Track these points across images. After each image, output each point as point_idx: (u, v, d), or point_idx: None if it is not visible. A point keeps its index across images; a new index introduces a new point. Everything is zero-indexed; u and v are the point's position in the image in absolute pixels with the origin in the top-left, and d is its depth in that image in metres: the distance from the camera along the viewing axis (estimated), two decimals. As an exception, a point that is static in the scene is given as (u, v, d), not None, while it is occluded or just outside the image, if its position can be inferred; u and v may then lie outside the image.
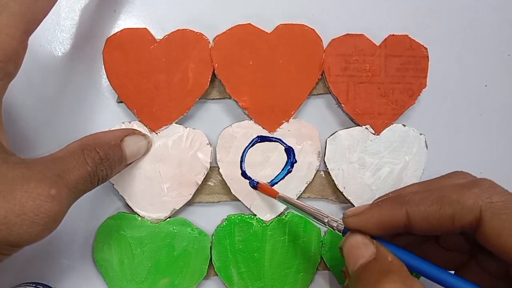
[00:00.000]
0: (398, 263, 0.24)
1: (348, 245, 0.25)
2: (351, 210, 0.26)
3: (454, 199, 0.23)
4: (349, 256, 0.25)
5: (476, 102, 0.38)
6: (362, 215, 0.25)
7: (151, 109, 0.34)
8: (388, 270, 0.23)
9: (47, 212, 0.24)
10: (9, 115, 0.34)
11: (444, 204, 0.23)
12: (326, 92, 0.36)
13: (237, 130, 0.35)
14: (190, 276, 0.35)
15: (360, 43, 0.35)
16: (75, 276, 0.36)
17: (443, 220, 0.23)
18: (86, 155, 0.27)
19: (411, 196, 0.24)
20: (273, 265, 0.35)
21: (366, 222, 0.25)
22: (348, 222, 0.26)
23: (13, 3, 0.25)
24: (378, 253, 0.24)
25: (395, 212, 0.24)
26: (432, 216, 0.23)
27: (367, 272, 0.23)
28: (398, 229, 0.25)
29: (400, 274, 0.23)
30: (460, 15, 0.37)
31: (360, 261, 0.24)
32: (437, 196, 0.24)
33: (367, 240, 0.25)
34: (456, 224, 0.23)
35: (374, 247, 0.24)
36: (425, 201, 0.24)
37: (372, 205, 0.26)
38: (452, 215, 0.23)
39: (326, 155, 0.36)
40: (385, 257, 0.24)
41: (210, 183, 0.36)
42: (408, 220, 0.24)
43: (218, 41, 0.34)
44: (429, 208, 0.23)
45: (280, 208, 0.36)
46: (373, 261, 0.24)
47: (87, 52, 0.35)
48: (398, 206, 0.24)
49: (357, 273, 0.24)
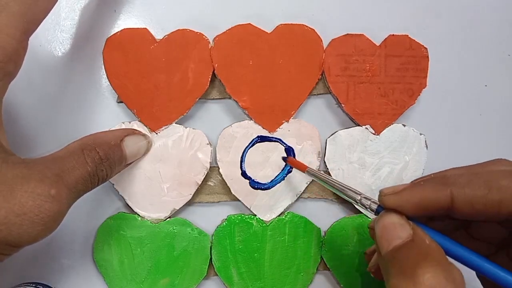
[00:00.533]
0: (436, 247, 0.22)
1: (382, 224, 0.24)
2: (389, 188, 0.25)
3: (503, 184, 0.22)
4: (382, 236, 0.24)
5: (476, 102, 0.38)
6: (402, 193, 0.24)
7: (151, 109, 0.34)
8: (426, 254, 0.22)
9: (47, 212, 0.24)
10: (9, 115, 0.34)
11: (492, 188, 0.22)
12: (326, 92, 0.36)
13: (237, 130, 0.35)
14: (190, 276, 0.35)
15: (360, 43, 0.35)
16: (75, 276, 0.36)
17: (490, 205, 0.22)
18: (86, 155, 0.27)
19: (456, 178, 0.23)
20: (273, 265, 0.35)
21: (405, 201, 0.24)
22: (385, 200, 0.24)
23: (13, 3, 0.25)
24: (415, 234, 0.23)
25: (439, 193, 0.23)
26: (478, 200, 0.22)
27: (403, 254, 0.22)
28: (439, 211, 0.23)
29: (439, 258, 0.22)
30: (460, 15, 0.37)
31: (396, 242, 0.23)
32: (485, 180, 0.22)
33: (403, 221, 0.23)
34: (503, 210, 0.22)
35: (410, 229, 0.23)
36: (472, 184, 0.23)
37: (414, 184, 0.24)
38: (500, 201, 0.22)
39: (326, 155, 0.36)
40: (423, 240, 0.23)
41: (210, 183, 0.36)
42: (451, 203, 0.23)
43: (218, 41, 0.34)
44: (476, 191, 0.22)
45: (280, 208, 0.36)
46: (410, 243, 0.22)
47: (87, 52, 0.35)
48: (442, 187, 0.23)
49: (391, 254, 0.23)
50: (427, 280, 0.21)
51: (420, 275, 0.21)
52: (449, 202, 0.23)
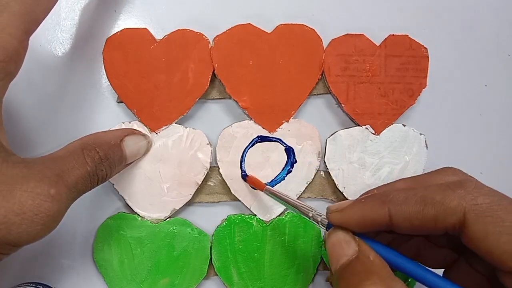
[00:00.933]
0: (380, 262, 0.23)
1: (331, 242, 0.25)
2: (335, 205, 0.25)
3: (437, 200, 0.22)
4: (331, 253, 0.24)
5: (476, 102, 0.38)
6: (345, 211, 0.25)
7: (151, 109, 0.34)
8: (370, 271, 0.22)
9: (46, 212, 0.24)
10: (9, 115, 0.34)
11: (427, 204, 0.23)
12: (326, 92, 0.36)
13: (237, 130, 0.35)
14: (190, 276, 0.35)
15: (360, 43, 0.35)
16: (75, 276, 0.36)
17: (426, 221, 0.23)
18: (86, 155, 0.27)
19: (394, 195, 0.24)
20: (273, 265, 0.35)
21: (348, 218, 0.24)
22: (331, 217, 0.25)
23: (14, 2, 0.25)
24: (360, 251, 0.23)
25: (377, 211, 0.24)
26: (415, 216, 0.23)
27: (348, 272, 0.23)
28: (380, 227, 0.24)
29: (382, 274, 0.22)
30: (460, 15, 0.37)
31: (342, 260, 0.23)
32: (421, 196, 0.23)
33: (349, 238, 0.24)
34: (439, 225, 0.23)
35: (356, 245, 0.24)
36: (408, 201, 0.23)
37: (355, 202, 0.25)
38: (435, 217, 0.22)
39: (326, 155, 0.36)
40: (367, 256, 0.23)
41: (210, 183, 0.36)
42: (390, 219, 0.23)
43: (218, 41, 0.34)
44: (412, 208, 0.23)
45: (280, 209, 0.36)
46: (355, 260, 0.23)
47: (87, 52, 0.35)
48: (380, 205, 0.24)
49: (339, 272, 0.23)
50: None
51: None
52: (388, 219, 0.23)
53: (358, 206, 0.25)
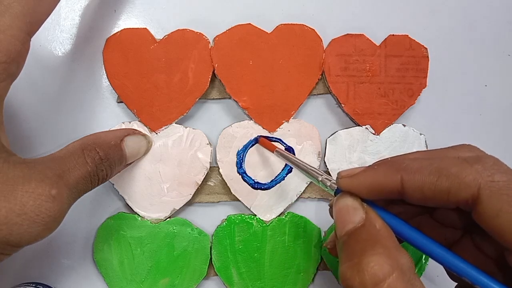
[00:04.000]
0: (386, 231, 0.22)
1: (338, 207, 0.24)
2: (346, 171, 0.25)
3: (452, 172, 0.22)
4: (338, 219, 0.24)
5: (476, 102, 0.38)
6: (356, 177, 0.24)
7: (151, 109, 0.34)
8: (375, 240, 0.22)
9: (47, 212, 0.24)
10: (10, 115, 0.34)
11: (441, 176, 0.22)
12: (326, 92, 0.36)
13: (237, 130, 0.35)
14: (190, 276, 0.35)
15: (360, 43, 0.35)
16: (75, 276, 0.36)
17: (438, 193, 0.22)
18: (86, 155, 0.27)
19: (408, 163, 0.23)
20: (273, 265, 0.35)
21: (358, 184, 0.24)
22: (341, 182, 0.24)
23: (16, 3, 0.25)
24: (367, 219, 0.23)
25: (389, 177, 0.23)
26: (428, 187, 0.22)
27: (353, 240, 0.23)
28: (391, 195, 0.23)
29: (387, 244, 0.22)
30: (460, 15, 0.37)
31: (348, 227, 0.23)
32: (436, 167, 0.22)
33: (357, 204, 0.24)
34: (452, 199, 0.22)
35: (363, 212, 0.23)
36: (423, 170, 0.22)
37: (368, 168, 0.24)
38: (448, 189, 0.22)
39: (326, 155, 0.36)
40: (373, 225, 0.23)
41: (210, 183, 0.36)
42: (402, 188, 0.23)
43: (218, 41, 0.34)
44: (426, 178, 0.22)
45: (280, 208, 0.36)
46: (361, 228, 0.23)
47: (87, 52, 0.35)
48: (393, 172, 0.23)
49: (343, 239, 0.23)
50: (371, 269, 0.21)
51: (364, 264, 0.21)
52: (400, 187, 0.23)
53: (370, 171, 0.24)
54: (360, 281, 0.21)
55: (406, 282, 0.21)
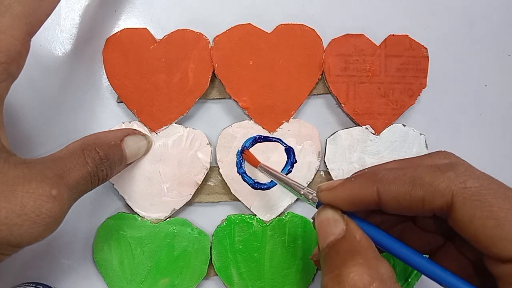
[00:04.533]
0: (366, 242, 0.23)
1: (319, 220, 0.25)
2: (325, 184, 0.25)
3: (426, 181, 0.22)
4: (319, 231, 0.24)
5: (476, 102, 0.38)
6: (335, 190, 0.24)
7: (151, 109, 0.34)
8: (355, 251, 0.22)
9: (48, 213, 0.24)
10: (10, 115, 0.34)
11: (415, 185, 0.22)
12: (326, 92, 0.36)
13: (237, 130, 0.35)
14: (190, 276, 0.35)
15: (360, 43, 0.35)
16: (75, 276, 0.36)
17: (414, 202, 0.22)
18: (86, 155, 0.27)
19: (384, 174, 0.23)
20: (273, 265, 0.35)
21: (337, 197, 0.24)
22: (321, 196, 0.25)
23: (17, 4, 0.25)
24: (347, 230, 0.23)
25: (366, 189, 0.23)
26: (403, 197, 0.22)
27: (334, 251, 0.23)
28: (369, 206, 0.24)
29: (367, 255, 0.22)
30: (460, 15, 0.37)
31: (329, 239, 0.23)
32: (410, 177, 0.23)
33: (337, 216, 0.24)
34: (427, 207, 0.22)
35: (344, 224, 0.24)
36: (397, 181, 0.23)
37: (345, 180, 0.25)
38: (422, 198, 0.22)
39: (326, 155, 0.36)
40: (353, 236, 0.23)
41: (210, 183, 0.36)
42: (378, 198, 0.23)
43: (218, 41, 0.34)
44: (400, 188, 0.22)
45: (280, 208, 0.36)
46: (341, 239, 0.23)
47: (87, 52, 0.35)
48: (369, 183, 0.23)
49: (325, 251, 0.23)
50: (351, 280, 0.21)
51: (345, 275, 0.21)
52: (376, 198, 0.23)
53: (348, 184, 0.24)
54: None
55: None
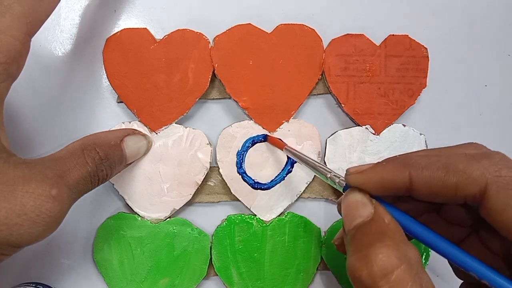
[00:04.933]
0: (395, 226, 0.23)
1: (347, 202, 0.24)
2: (354, 167, 0.25)
3: (460, 168, 0.22)
4: (346, 214, 0.24)
5: (476, 102, 0.38)
6: (365, 173, 0.24)
7: (151, 109, 0.34)
8: (383, 233, 0.22)
9: (48, 213, 0.24)
10: (10, 115, 0.34)
11: (449, 171, 0.22)
12: (326, 92, 0.36)
13: (237, 130, 0.35)
14: (190, 276, 0.35)
15: (360, 43, 0.35)
16: (75, 276, 0.36)
17: (446, 188, 0.22)
18: (86, 155, 0.27)
19: (416, 159, 0.23)
20: (273, 265, 0.35)
21: (367, 180, 0.24)
22: (350, 179, 0.25)
23: (17, 4, 0.25)
24: (375, 214, 0.23)
25: (398, 173, 0.23)
26: (435, 182, 0.22)
27: (361, 233, 0.23)
28: (399, 191, 0.24)
29: (395, 238, 0.22)
30: (460, 15, 0.37)
31: (357, 221, 0.23)
32: (444, 163, 0.23)
33: (366, 200, 0.24)
34: (459, 194, 0.22)
35: (372, 208, 0.23)
36: (430, 166, 0.23)
37: (376, 164, 0.25)
38: (455, 184, 0.22)
39: (326, 155, 0.36)
40: (382, 219, 0.23)
41: (210, 183, 0.36)
42: (410, 183, 0.23)
43: (218, 41, 0.34)
44: (433, 173, 0.22)
45: (280, 208, 0.36)
46: (369, 222, 0.23)
47: (87, 52, 0.35)
48: (401, 168, 0.23)
49: (352, 232, 0.23)
50: (379, 260, 0.21)
51: (373, 255, 0.21)
52: (408, 183, 0.23)
53: (379, 168, 0.24)
54: (368, 272, 0.21)
55: (413, 275, 0.21)
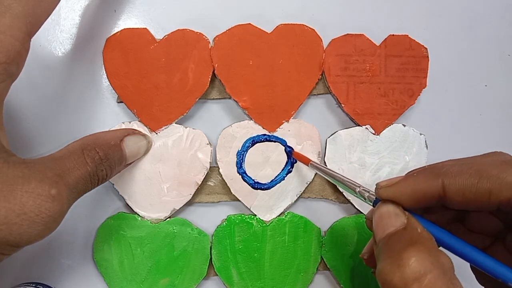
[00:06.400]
0: (427, 235, 0.23)
1: (379, 213, 0.25)
2: (385, 181, 0.25)
3: (493, 173, 0.22)
4: (378, 224, 0.24)
5: (476, 102, 0.38)
6: (396, 185, 0.24)
7: (151, 109, 0.34)
8: (416, 240, 0.22)
9: (47, 212, 0.24)
10: (10, 115, 0.34)
11: (482, 177, 0.22)
12: (326, 92, 0.36)
13: (237, 130, 0.35)
14: (190, 276, 0.35)
15: (360, 43, 0.35)
16: (75, 276, 0.36)
17: (480, 194, 0.22)
18: (86, 155, 0.27)
19: (448, 168, 0.24)
20: (273, 265, 0.35)
21: (400, 192, 0.24)
22: (381, 192, 0.25)
23: (17, 4, 0.25)
24: (408, 223, 0.23)
25: (430, 183, 0.23)
26: (469, 189, 0.23)
27: (394, 240, 0.23)
28: (432, 200, 0.24)
29: (428, 245, 0.22)
30: (460, 15, 0.37)
31: (389, 230, 0.23)
32: (476, 170, 0.23)
33: (398, 211, 0.24)
34: (493, 199, 0.22)
35: (405, 218, 0.24)
36: (463, 174, 0.23)
37: (407, 176, 0.25)
38: (489, 190, 0.22)
39: (326, 155, 0.36)
40: (415, 228, 0.23)
41: (210, 183, 0.36)
42: (443, 192, 0.23)
43: (218, 41, 0.34)
44: (467, 180, 0.23)
45: (280, 208, 0.36)
46: (402, 230, 0.23)
47: (87, 52, 0.35)
48: (434, 177, 0.23)
49: (384, 240, 0.23)
50: (412, 264, 0.21)
51: (406, 259, 0.21)
52: (441, 191, 0.23)
53: (410, 179, 0.24)
54: (400, 275, 0.21)
55: (447, 280, 0.21)
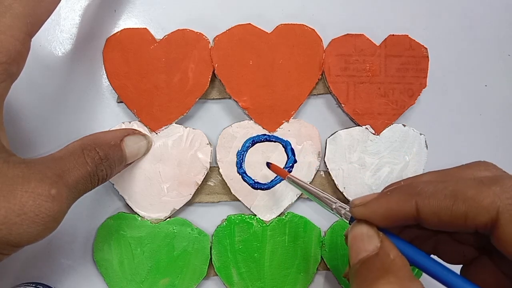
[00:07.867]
0: (400, 261, 0.22)
1: (353, 235, 0.24)
2: (358, 199, 0.24)
3: (469, 196, 0.21)
4: (352, 247, 0.24)
5: (476, 102, 0.38)
6: (369, 205, 0.24)
7: (151, 109, 0.34)
8: (388, 269, 0.21)
9: (47, 212, 0.24)
10: (10, 115, 0.34)
11: (458, 200, 0.21)
12: (326, 92, 0.36)
13: (237, 130, 0.35)
14: (190, 276, 0.35)
15: (360, 43, 0.35)
16: (75, 276, 0.36)
17: (455, 217, 0.21)
18: (86, 155, 0.27)
19: (422, 187, 0.22)
20: (273, 265, 0.35)
21: (373, 212, 0.23)
22: (355, 211, 0.24)
23: (17, 4, 0.25)
24: (381, 248, 0.22)
25: (404, 204, 0.22)
26: (444, 212, 0.21)
27: (366, 268, 0.22)
28: (406, 221, 0.23)
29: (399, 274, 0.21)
30: (460, 15, 0.37)
31: (361, 255, 0.23)
32: (452, 190, 0.21)
33: (372, 232, 0.23)
34: (469, 223, 0.21)
35: (378, 241, 0.23)
36: (438, 195, 0.22)
37: (381, 195, 0.24)
38: (465, 213, 0.21)
39: (326, 155, 0.36)
40: (387, 254, 0.22)
41: (210, 183, 0.36)
42: (417, 213, 0.22)
43: (218, 41, 0.34)
44: (441, 202, 0.21)
45: (280, 208, 0.36)
46: (374, 256, 0.22)
47: (87, 52, 0.35)
48: (407, 197, 0.22)
49: (356, 267, 0.23)
50: None
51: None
52: (415, 213, 0.22)
53: (384, 199, 0.23)
54: None
55: None
